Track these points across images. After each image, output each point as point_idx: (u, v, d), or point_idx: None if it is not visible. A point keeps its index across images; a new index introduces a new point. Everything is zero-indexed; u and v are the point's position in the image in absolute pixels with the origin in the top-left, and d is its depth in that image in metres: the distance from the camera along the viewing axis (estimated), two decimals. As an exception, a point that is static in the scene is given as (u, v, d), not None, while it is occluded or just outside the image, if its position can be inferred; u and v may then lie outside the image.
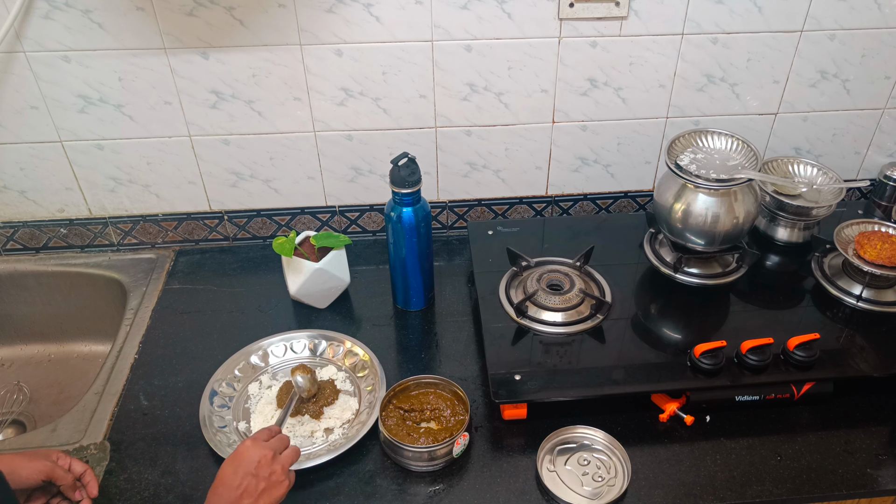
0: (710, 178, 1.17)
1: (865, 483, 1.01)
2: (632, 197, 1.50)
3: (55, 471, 0.90)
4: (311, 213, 1.45)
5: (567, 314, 1.19)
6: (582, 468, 1.01)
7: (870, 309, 1.22)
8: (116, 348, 1.23)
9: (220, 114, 1.30)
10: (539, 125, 1.37)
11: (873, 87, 1.39)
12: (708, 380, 1.08)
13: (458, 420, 1.06)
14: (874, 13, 1.30)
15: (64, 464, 0.92)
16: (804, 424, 1.09)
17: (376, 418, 1.05)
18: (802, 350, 1.09)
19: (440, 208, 1.47)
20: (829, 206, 1.33)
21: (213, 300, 1.33)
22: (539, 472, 1.00)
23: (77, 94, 1.25)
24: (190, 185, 1.38)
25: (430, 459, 1.00)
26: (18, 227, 1.40)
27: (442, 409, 1.07)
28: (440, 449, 0.99)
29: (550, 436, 1.04)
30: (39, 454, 0.91)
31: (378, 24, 1.22)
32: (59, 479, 0.90)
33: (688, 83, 1.34)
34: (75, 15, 1.17)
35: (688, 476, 1.01)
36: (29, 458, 0.89)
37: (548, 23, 1.25)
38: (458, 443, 1.01)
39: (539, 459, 1.01)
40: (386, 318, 1.29)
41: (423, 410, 1.07)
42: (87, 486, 0.94)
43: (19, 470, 0.86)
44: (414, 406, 1.07)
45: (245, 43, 1.22)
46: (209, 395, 1.11)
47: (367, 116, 1.33)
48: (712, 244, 1.23)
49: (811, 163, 1.40)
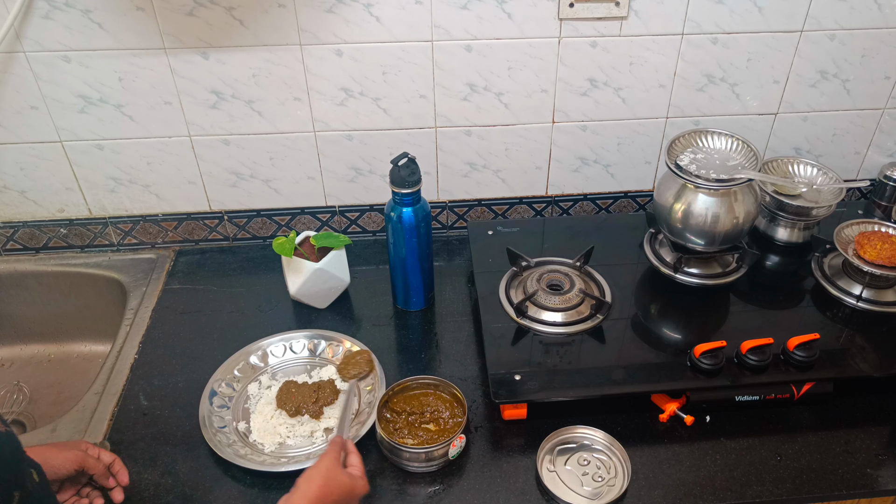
0: (710, 178, 1.17)
1: (865, 483, 1.01)
2: (632, 197, 1.50)
3: (87, 460, 0.91)
4: (311, 213, 1.45)
5: (567, 314, 1.19)
6: (582, 468, 1.01)
7: (870, 309, 1.22)
8: (116, 348, 1.23)
9: (220, 114, 1.30)
10: (539, 125, 1.37)
11: (873, 87, 1.39)
12: (708, 380, 1.08)
13: (456, 422, 1.06)
14: (874, 13, 1.29)
15: (94, 454, 0.94)
16: (804, 424, 1.09)
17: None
18: (802, 350, 1.09)
19: (440, 208, 1.47)
20: (829, 206, 1.33)
21: (213, 300, 1.33)
22: (539, 472, 1.00)
23: (77, 94, 1.25)
24: (190, 185, 1.38)
25: (427, 461, 1.00)
26: (18, 227, 1.40)
27: (441, 411, 1.07)
28: (437, 450, 0.99)
29: (550, 436, 1.04)
30: (70, 445, 0.93)
31: (378, 24, 1.22)
32: (92, 468, 0.92)
33: (688, 83, 1.34)
34: (75, 15, 1.17)
35: (688, 476, 1.01)
36: (60, 449, 0.90)
37: (548, 23, 1.25)
38: (455, 444, 1.01)
39: (539, 459, 1.01)
40: (386, 318, 1.29)
41: (423, 413, 1.07)
42: (117, 474, 0.95)
43: (51, 460, 0.87)
44: (414, 408, 1.07)
45: (245, 43, 1.22)
46: (209, 395, 1.11)
47: (367, 116, 1.33)
48: (712, 244, 1.23)
49: (811, 163, 1.40)
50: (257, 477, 1.01)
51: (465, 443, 1.03)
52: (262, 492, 1.00)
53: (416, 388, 1.10)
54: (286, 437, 1.07)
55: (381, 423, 1.04)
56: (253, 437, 1.07)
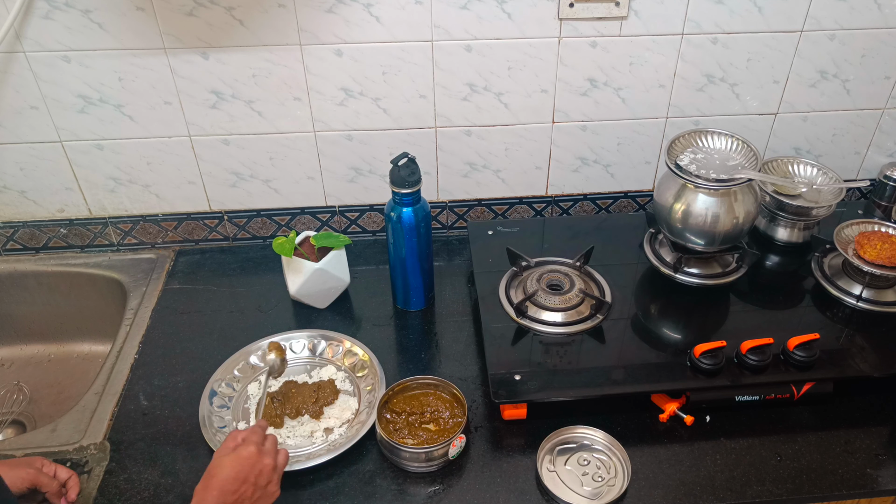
0: (709, 178, 1.17)
1: (865, 483, 1.01)
2: (632, 197, 1.50)
3: (39, 478, 0.90)
4: (311, 213, 1.45)
5: (567, 314, 1.19)
6: (582, 468, 1.01)
7: (870, 309, 1.22)
8: (116, 348, 1.23)
9: (220, 114, 1.30)
10: (539, 125, 1.37)
11: (873, 87, 1.39)
12: (708, 380, 1.08)
13: (456, 422, 1.06)
14: (874, 13, 1.29)
15: (49, 470, 0.92)
16: (804, 424, 1.09)
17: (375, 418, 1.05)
18: (802, 350, 1.09)
19: (440, 208, 1.47)
20: (829, 206, 1.33)
21: (213, 300, 1.33)
22: (539, 472, 1.00)
23: (77, 94, 1.25)
24: (190, 185, 1.38)
25: (427, 460, 1.00)
26: (18, 227, 1.40)
27: (441, 411, 1.07)
28: (437, 450, 0.99)
29: (550, 436, 1.04)
30: (23, 462, 0.91)
31: (378, 24, 1.22)
32: (45, 486, 0.90)
33: (688, 83, 1.34)
34: (75, 15, 1.17)
35: (688, 476, 1.01)
36: (12, 467, 0.89)
37: (548, 23, 1.25)
38: (455, 444, 1.01)
39: (539, 459, 1.01)
40: (386, 318, 1.29)
41: (423, 413, 1.07)
42: (69, 490, 0.94)
43: (2, 478, 0.85)
44: (414, 408, 1.07)
45: (245, 43, 1.22)
46: (209, 395, 1.11)
47: (367, 116, 1.33)
48: (712, 244, 1.23)
49: (811, 163, 1.40)
50: (257, 477, 1.01)
51: (465, 443, 1.03)
52: (262, 492, 1.00)
53: (417, 389, 1.10)
54: (286, 438, 1.07)
55: (381, 423, 1.04)
56: (253, 437, 1.07)
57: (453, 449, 1.01)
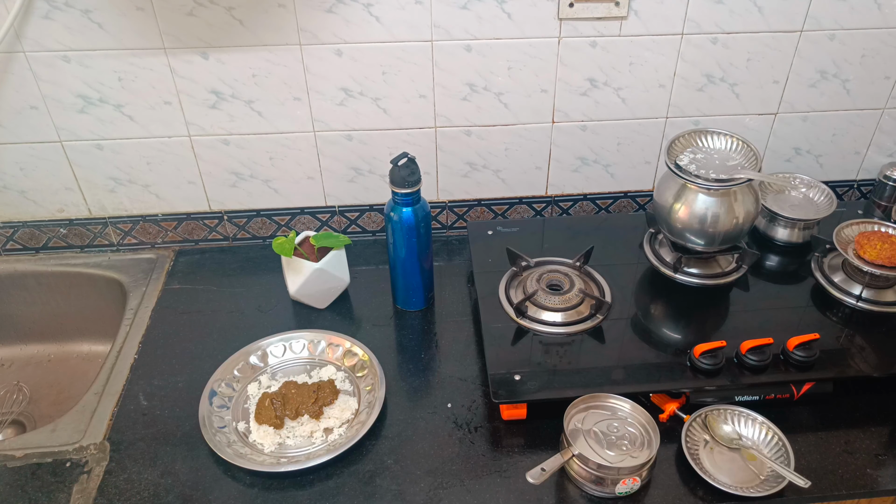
0: (709, 178, 1.17)
1: (865, 483, 1.01)
2: (632, 197, 1.50)
3: None
4: (311, 213, 1.45)
5: (567, 314, 1.19)
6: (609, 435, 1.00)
7: (869, 309, 1.21)
8: (116, 348, 1.23)
9: (220, 114, 1.30)
10: (539, 125, 1.37)
11: (873, 87, 1.39)
12: (708, 380, 1.08)
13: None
14: (874, 13, 1.30)
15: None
16: (804, 424, 1.09)
17: (376, 418, 1.05)
18: (802, 350, 1.09)
19: (440, 208, 1.47)
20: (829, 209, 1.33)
21: (213, 300, 1.33)
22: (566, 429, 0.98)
23: (77, 94, 1.25)
24: (190, 185, 1.38)
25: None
26: (18, 227, 1.40)
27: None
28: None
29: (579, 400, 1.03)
30: None
31: (378, 24, 1.22)
32: None
33: (688, 83, 1.34)
34: (75, 15, 1.17)
35: (687, 476, 1.01)
36: None
37: (548, 23, 1.25)
38: (625, 482, 0.97)
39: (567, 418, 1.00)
40: (386, 319, 1.29)
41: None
42: None
43: None
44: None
45: (245, 43, 1.22)
46: (208, 395, 1.11)
47: (367, 116, 1.33)
48: (712, 244, 1.23)
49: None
50: (257, 477, 1.01)
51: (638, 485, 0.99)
52: (261, 492, 1.00)
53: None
54: (286, 438, 1.07)
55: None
56: (253, 437, 1.07)
57: (622, 486, 0.97)
